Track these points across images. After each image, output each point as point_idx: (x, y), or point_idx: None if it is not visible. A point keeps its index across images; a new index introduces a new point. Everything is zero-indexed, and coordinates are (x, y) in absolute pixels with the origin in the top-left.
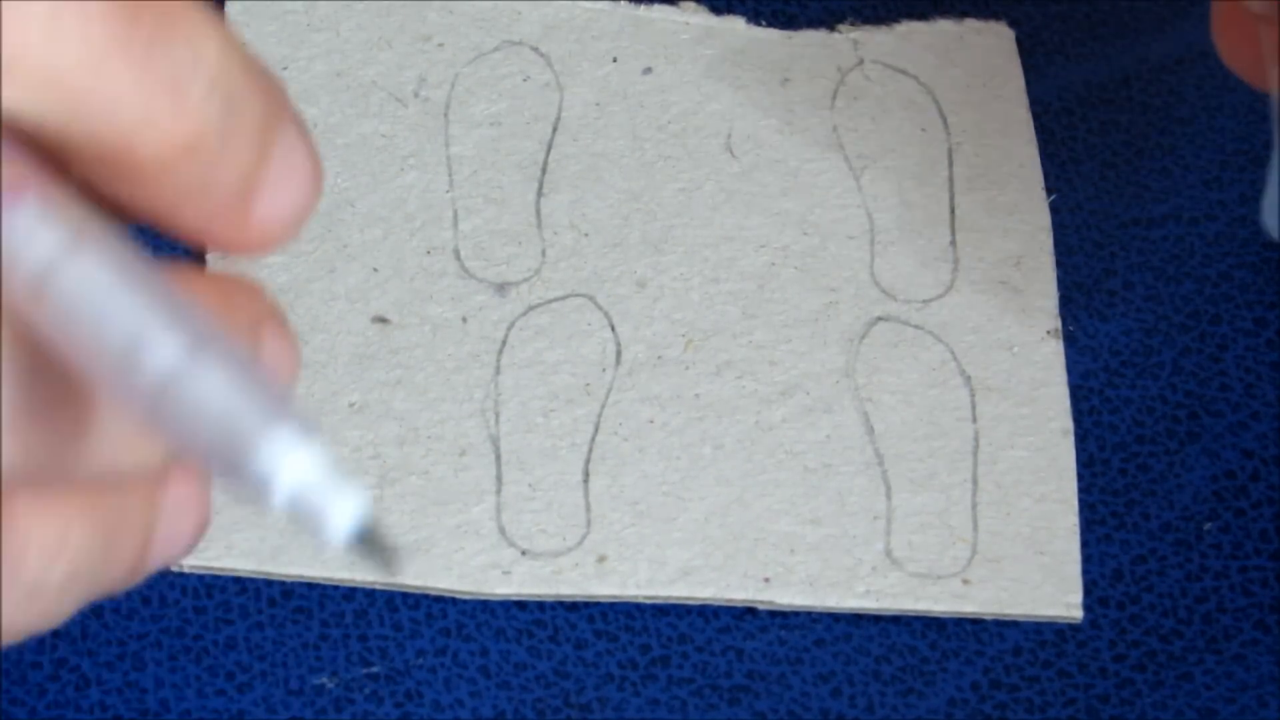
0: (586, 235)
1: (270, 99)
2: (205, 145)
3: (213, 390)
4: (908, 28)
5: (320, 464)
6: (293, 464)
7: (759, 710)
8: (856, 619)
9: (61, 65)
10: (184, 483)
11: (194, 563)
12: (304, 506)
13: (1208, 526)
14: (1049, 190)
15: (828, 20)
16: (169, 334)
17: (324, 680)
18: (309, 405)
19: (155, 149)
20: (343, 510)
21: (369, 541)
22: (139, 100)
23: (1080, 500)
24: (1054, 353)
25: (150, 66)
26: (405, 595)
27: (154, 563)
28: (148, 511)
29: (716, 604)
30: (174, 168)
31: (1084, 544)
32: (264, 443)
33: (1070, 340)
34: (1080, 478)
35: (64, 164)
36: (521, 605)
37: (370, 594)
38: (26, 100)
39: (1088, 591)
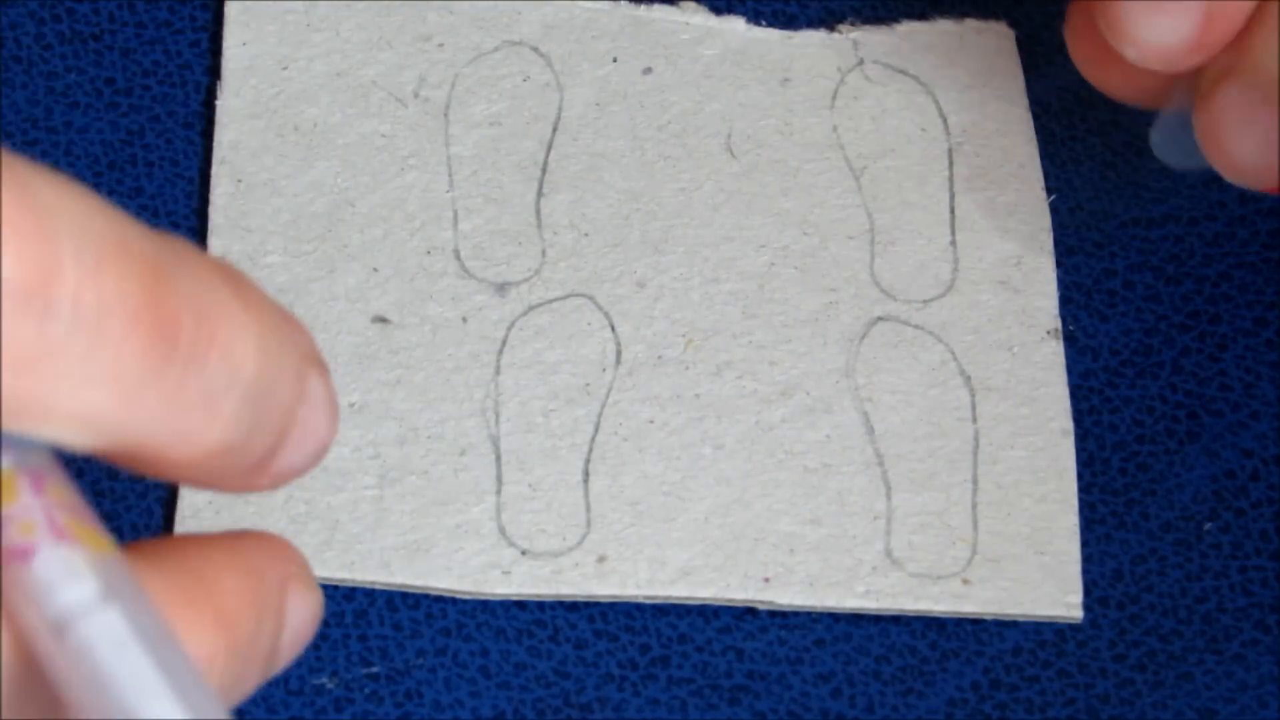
0: (586, 235)
1: (298, 369)
2: (233, 447)
3: None
4: (908, 28)
5: None
6: None
7: (759, 710)
8: (856, 619)
9: (94, 408)
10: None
11: None
12: None
13: (1208, 526)
14: (1049, 190)
15: (828, 20)
16: (166, 707)
17: (324, 680)
18: None
19: (184, 456)
20: None
21: None
22: (170, 425)
23: (1080, 500)
24: (1054, 353)
25: (183, 393)
26: (405, 595)
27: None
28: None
29: (716, 604)
30: (201, 465)
31: (1084, 544)
32: None
33: (1070, 340)
34: (1080, 478)
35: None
36: (521, 605)
37: (370, 594)
38: (61, 437)
39: (1088, 591)
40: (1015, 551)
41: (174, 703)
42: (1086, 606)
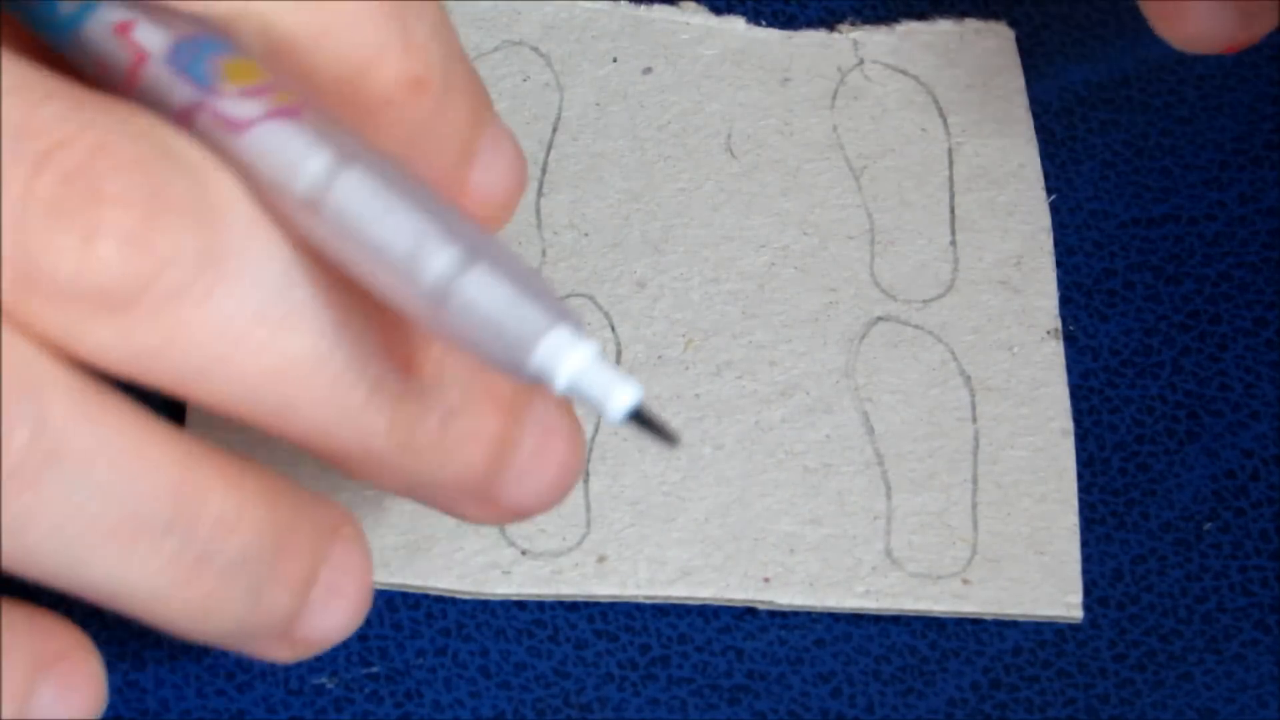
0: (586, 235)
1: (479, 85)
2: (428, 89)
3: (493, 294)
4: (908, 28)
5: (594, 360)
6: (572, 361)
7: (759, 710)
8: (856, 619)
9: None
10: (350, 545)
11: None
12: (584, 394)
13: (1208, 526)
14: (1049, 190)
15: (828, 20)
16: (445, 242)
17: (324, 680)
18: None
19: (384, 84)
20: (618, 397)
21: (643, 421)
22: (372, 30)
23: (1080, 500)
24: (1054, 353)
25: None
26: (405, 595)
27: (306, 628)
28: (315, 548)
29: (716, 604)
30: (400, 107)
31: (1084, 544)
32: (544, 343)
33: (1070, 340)
34: (1080, 478)
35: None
36: (521, 605)
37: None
38: (283, 11)
39: (1087, 592)
40: (1015, 551)
41: (442, 235)
42: (1086, 606)
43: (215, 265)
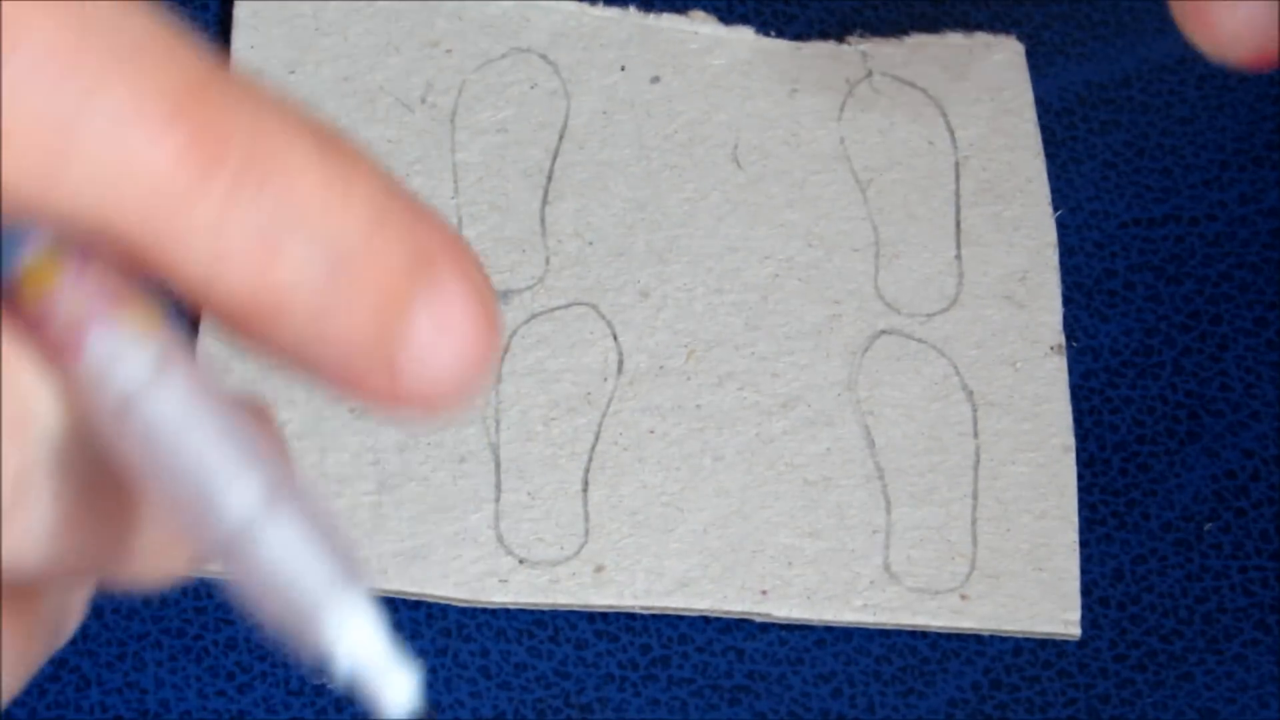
0: (591, 244)
1: (416, 242)
2: (302, 302)
3: (284, 548)
4: (917, 40)
5: (376, 645)
6: (351, 646)
7: (759, 711)
8: None
9: (127, 201)
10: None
11: None
12: (360, 684)
13: (1208, 527)
14: (1055, 205)
15: (837, 32)
16: (247, 479)
17: (325, 680)
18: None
19: (236, 301)
20: (395, 692)
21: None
22: (211, 250)
23: (1080, 500)
24: (1057, 368)
25: (231, 214)
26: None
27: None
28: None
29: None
30: (266, 320)
31: (1084, 544)
32: (328, 617)
33: (1071, 341)
34: (1080, 478)
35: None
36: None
37: (370, 596)
38: (100, 224)
39: (1087, 592)
40: (1014, 568)
41: (248, 471)
42: (1086, 607)
43: None
